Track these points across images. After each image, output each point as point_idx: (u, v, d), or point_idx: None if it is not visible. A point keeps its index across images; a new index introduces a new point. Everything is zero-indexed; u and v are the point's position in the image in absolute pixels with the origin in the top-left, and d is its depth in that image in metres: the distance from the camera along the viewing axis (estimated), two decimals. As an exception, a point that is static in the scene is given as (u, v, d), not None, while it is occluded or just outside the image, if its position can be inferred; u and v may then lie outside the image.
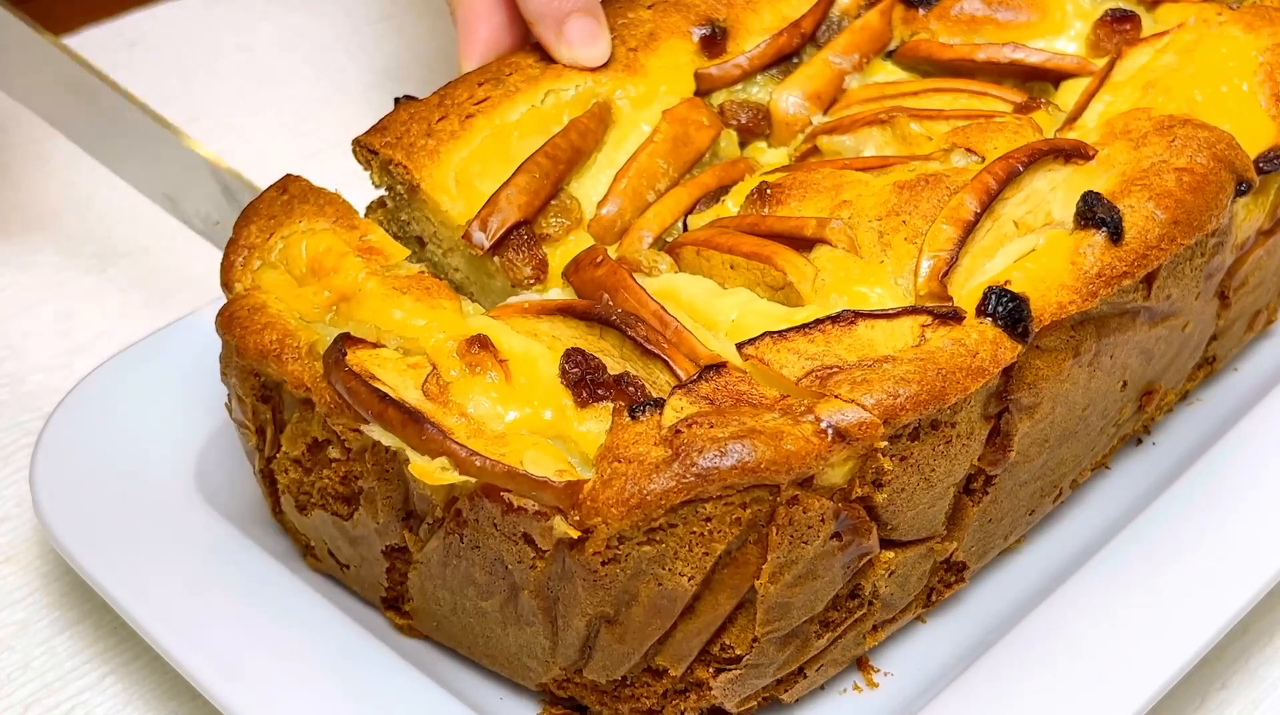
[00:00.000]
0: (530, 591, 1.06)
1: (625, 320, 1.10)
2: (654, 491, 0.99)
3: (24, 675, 1.26)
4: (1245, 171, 1.23)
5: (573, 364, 1.06)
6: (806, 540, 1.04)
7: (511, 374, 1.07)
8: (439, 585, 1.14)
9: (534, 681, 1.15)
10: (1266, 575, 1.18)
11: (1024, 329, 1.09)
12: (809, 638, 1.11)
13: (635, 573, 1.03)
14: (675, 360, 1.08)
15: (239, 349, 1.15)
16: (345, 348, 1.09)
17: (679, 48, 1.37)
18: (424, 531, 1.11)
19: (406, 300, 1.13)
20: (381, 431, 1.07)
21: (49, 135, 1.93)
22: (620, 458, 1.00)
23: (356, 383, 1.07)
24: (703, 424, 1.00)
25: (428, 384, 1.07)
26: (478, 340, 1.08)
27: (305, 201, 1.23)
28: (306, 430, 1.14)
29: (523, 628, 1.10)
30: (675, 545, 1.02)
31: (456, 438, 1.03)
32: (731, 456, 0.99)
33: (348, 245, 1.18)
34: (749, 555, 1.04)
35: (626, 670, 1.10)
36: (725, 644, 1.09)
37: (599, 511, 0.99)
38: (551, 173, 1.26)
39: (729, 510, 1.01)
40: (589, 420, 1.04)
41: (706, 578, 1.04)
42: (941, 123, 1.28)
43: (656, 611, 1.05)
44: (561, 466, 1.02)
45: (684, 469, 0.99)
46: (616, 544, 1.01)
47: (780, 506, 1.02)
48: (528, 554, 1.04)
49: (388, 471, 1.09)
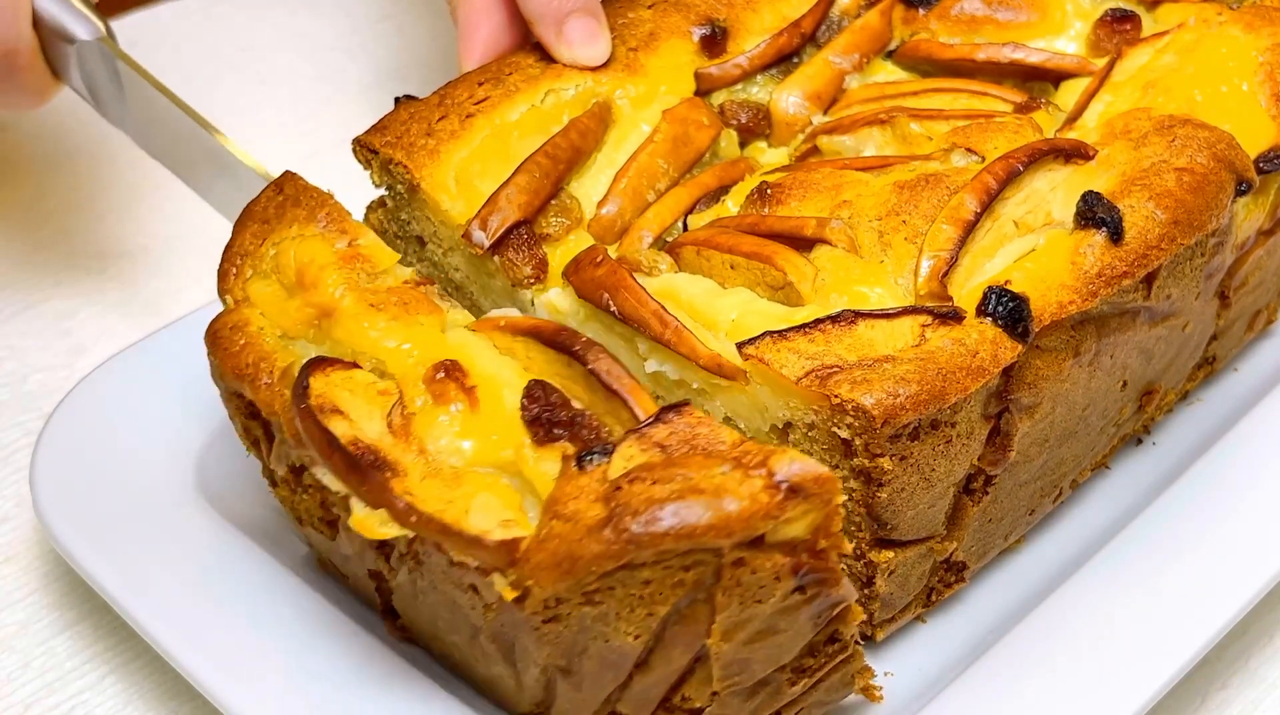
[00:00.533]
0: (487, 636, 1.04)
1: (587, 352, 1.05)
2: (584, 557, 0.93)
3: (24, 675, 1.26)
4: (1245, 171, 1.23)
5: (531, 400, 1.01)
6: (760, 599, 0.99)
7: (479, 401, 1.03)
8: (417, 613, 1.13)
9: (515, 711, 1.13)
10: (1266, 575, 1.18)
11: (1024, 329, 1.09)
12: (780, 686, 1.07)
13: (580, 629, 0.99)
14: (636, 397, 1.02)
15: (219, 370, 1.13)
16: (309, 380, 1.05)
17: (679, 47, 1.37)
18: (395, 561, 1.09)
19: (381, 318, 1.10)
20: (330, 476, 1.03)
21: (49, 134, 1.93)
22: (559, 515, 0.95)
23: (310, 422, 1.03)
24: (645, 481, 0.94)
25: (392, 414, 1.03)
26: (444, 366, 1.04)
27: (298, 204, 1.21)
28: (287, 453, 1.12)
29: (489, 665, 1.08)
30: (616, 606, 0.98)
31: (397, 489, 0.99)
32: (665, 520, 0.93)
33: (332, 254, 1.15)
34: (698, 613, 0.99)
35: (591, 714, 1.07)
36: (685, 695, 1.05)
37: (532, 574, 0.95)
38: (552, 172, 1.26)
39: (669, 573, 0.97)
40: (547, 460, 1.00)
41: (657, 633, 1.00)
42: (941, 123, 1.28)
43: (607, 665, 1.01)
44: (512, 513, 0.98)
45: (616, 535, 0.93)
46: (554, 604, 0.97)
47: (725, 568, 0.97)
48: (479, 602, 1.02)
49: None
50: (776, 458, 0.95)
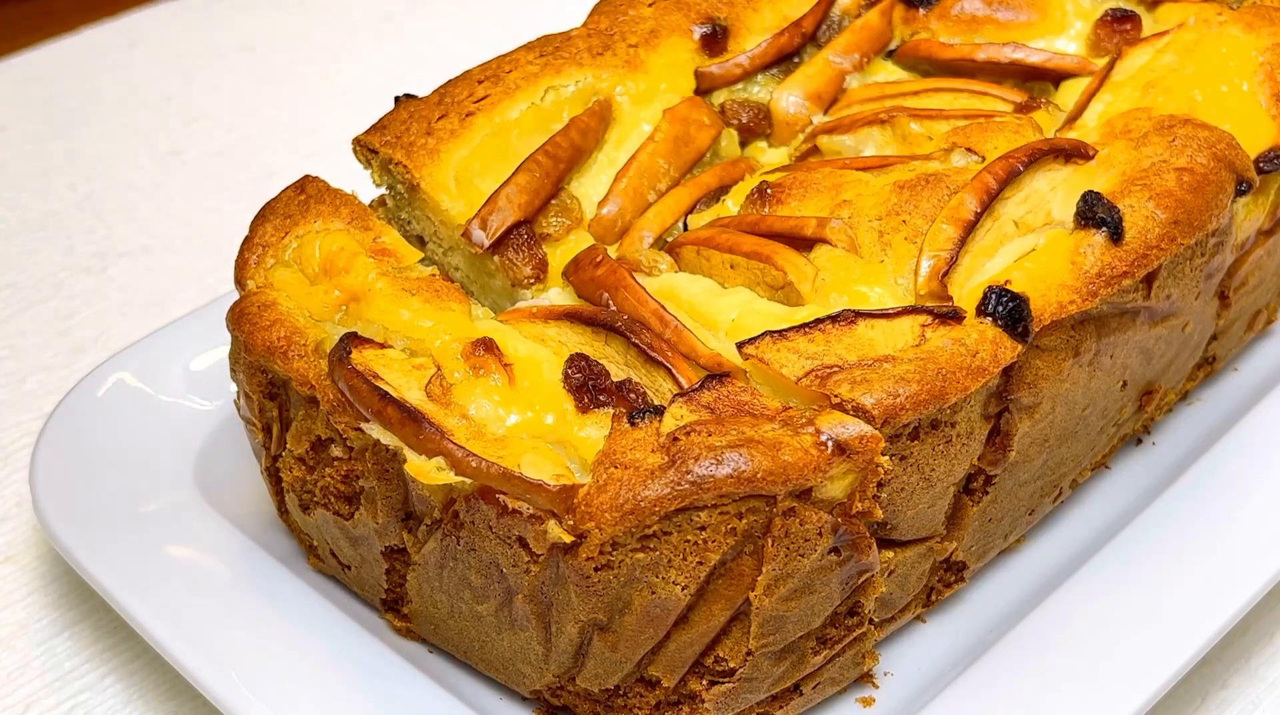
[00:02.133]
0: (524, 596, 1.06)
1: (630, 327, 1.10)
2: (648, 498, 0.98)
3: (24, 675, 1.26)
4: (1245, 171, 1.23)
5: (576, 369, 1.06)
6: (803, 553, 1.03)
7: (515, 377, 1.07)
8: (436, 588, 1.14)
9: (528, 688, 1.15)
10: (1266, 575, 1.18)
11: (1024, 328, 1.09)
12: (805, 654, 1.10)
13: (629, 580, 1.02)
14: (679, 368, 1.08)
15: (247, 345, 1.15)
16: (351, 347, 1.09)
17: (680, 45, 1.37)
18: (422, 533, 1.11)
19: (415, 302, 1.14)
20: (381, 430, 1.06)
21: (49, 135, 1.93)
22: (617, 463, 1.00)
23: (358, 380, 1.07)
24: (701, 432, 1.00)
25: (431, 385, 1.07)
26: (482, 343, 1.08)
27: (321, 202, 1.24)
28: (310, 428, 1.14)
29: (517, 633, 1.10)
30: (669, 553, 1.01)
31: (454, 438, 1.03)
32: (728, 465, 0.98)
33: (360, 246, 1.19)
34: (744, 566, 1.03)
35: (619, 679, 1.09)
36: (719, 656, 1.08)
37: (593, 516, 0.99)
38: (552, 172, 1.25)
39: (724, 519, 1.01)
40: (590, 426, 1.04)
41: (700, 587, 1.03)
42: (942, 122, 1.28)
43: (649, 620, 1.04)
44: (560, 471, 1.02)
45: (679, 476, 0.98)
46: (610, 550, 1.00)
47: (777, 517, 1.01)
48: (522, 558, 1.04)
49: (388, 471, 1.09)
50: (823, 418, 1.01)
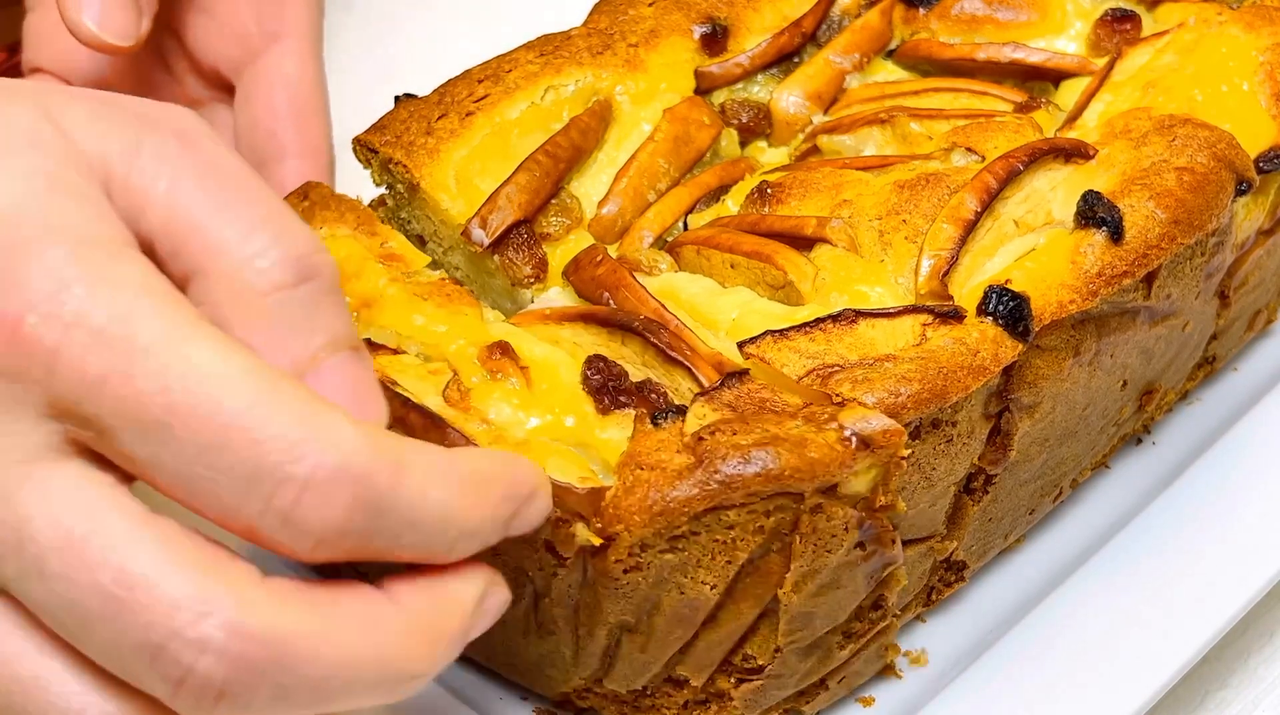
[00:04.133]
0: (552, 599, 1.06)
1: (648, 327, 1.09)
2: (677, 498, 0.98)
3: (22, 674, 1.26)
4: (1245, 171, 1.23)
5: (594, 371, 1.05)
6: (830, 549, 1.03)
7: (532, 381, 1.06)
8: (457, 595, 1.13)
9: (555, 691, 1.14)
10: (1266, 575, 1.18)
11: (1024, 328, 1.09)
12: (831, 649, 1.10)
13: (658, 581, 1.02)
14: (698, 367, 1.07)
15: None
16: None
17: (680, 45, 1.37)
18: None
19: (428, 307, 1.13)
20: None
21: (48, 134, 1.93)
22: (643, 465, 0.99)
23: None
24: (726, 431, 1.00)
25: (448, 390, 1.06)
26: (499, 346, 1.07)
27: (327, 208, 1.22)
28: None
29: (544, 637, 1.09)
30: (698, 553, 1.01)
31: (478, 443, 1.02)
32: (755, 463, 0.98)
33: (369, 252, 1.18)
34: (772, 564, 1.03)
35: (647, 680, 1.09)
36: (747, 654, 1.08)
37: (621, 518, 0.98)
38: (552, 171, 1.25)
39: (752, 518, 1.00)
40: (611, 427, 1.03)
41: (729, 586, 1.03)
42: (942, 122, 1.28)
43: (679, 620, 1.04)
44: (584, 473, 1.01)
45: (708, 476, 0.98)
46: (639, 551, 1.00)
47: (804, 514, 1.01)
48: (549, 561, 1.03)
49: None
50: (846, 413, 1.01)
